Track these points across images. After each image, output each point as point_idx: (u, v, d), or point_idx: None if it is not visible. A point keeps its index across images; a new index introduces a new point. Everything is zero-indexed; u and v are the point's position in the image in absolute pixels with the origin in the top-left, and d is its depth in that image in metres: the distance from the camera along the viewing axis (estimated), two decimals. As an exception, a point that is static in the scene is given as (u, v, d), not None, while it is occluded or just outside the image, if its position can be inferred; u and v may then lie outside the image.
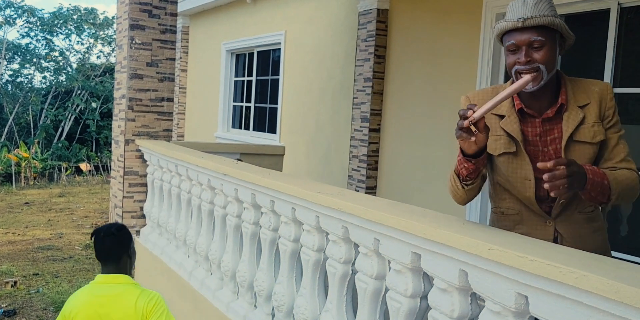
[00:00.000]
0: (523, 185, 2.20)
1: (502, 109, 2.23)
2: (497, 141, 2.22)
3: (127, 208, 4.79)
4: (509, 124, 2.21)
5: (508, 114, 2.22)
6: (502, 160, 2.22)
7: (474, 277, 1.69)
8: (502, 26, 2.10)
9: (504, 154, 2.22)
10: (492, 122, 2.23)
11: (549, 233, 2.20)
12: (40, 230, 13.44)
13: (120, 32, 4.99)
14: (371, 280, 2.15)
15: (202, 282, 3.59)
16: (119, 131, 4.88)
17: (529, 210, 2.23)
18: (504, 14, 4.92)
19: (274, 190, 2.71)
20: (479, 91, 2.34)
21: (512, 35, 2.08)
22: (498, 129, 2.22)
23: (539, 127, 2.21)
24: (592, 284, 1.31)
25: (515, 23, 2.05)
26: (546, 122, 2.21)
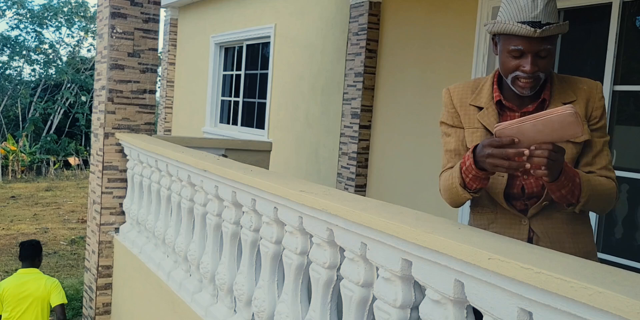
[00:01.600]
0: (495, 181, 2.08)
1: (481, 101, 2.13)
2: (473, 134, 2.13)
3: (106, 204, 4.59)
4: (485, 116, 2.10)
5: (486, 106, 2.11)
6: None
7: (471, 288, 1.51)
8: (509, 29, 1.91)
9: None
10: (471, 113, 2.15)
11: (524, 233, 2.09)
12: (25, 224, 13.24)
13: (100, 21, 4.79)
14: (357, 288, 1.98)
15: (181, 283, 3.41)
16: (98, 124, 4.69)
17: (504, 209, 2.12)
18: (500, 7, 4.75)
19: (255, 188, 2.53)
20: (460, 84, 2.23)
21: (519, 41, 1.92)
22: (475, 121, 2.13)
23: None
24: (609, 302, 1.14)
25: (528, 31, 1.87)
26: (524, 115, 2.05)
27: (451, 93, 2.22)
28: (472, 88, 2.19)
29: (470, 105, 2.15)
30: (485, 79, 2.19)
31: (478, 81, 2.21)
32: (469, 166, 1.91)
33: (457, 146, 2.19)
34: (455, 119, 2.19)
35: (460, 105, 2.18)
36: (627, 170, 4.09)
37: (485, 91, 2.14)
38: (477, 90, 2.16)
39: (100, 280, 4.62)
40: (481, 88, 2.16)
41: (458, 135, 2.19)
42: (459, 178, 1.97)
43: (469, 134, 2.14)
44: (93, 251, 4.71)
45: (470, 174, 1.92)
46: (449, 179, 2.05)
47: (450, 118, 2.20)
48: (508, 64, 1.98)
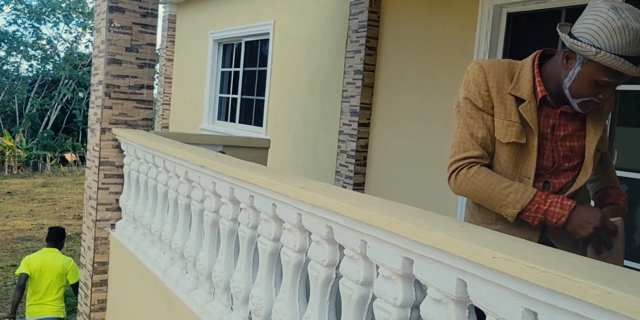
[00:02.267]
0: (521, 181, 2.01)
1: (522, 92, 1.99)
2: (509, 127, 1.98)
3: (102, 200, 4.55)
4: (528, 110, 1.98)
5: (529, 100, 1.98)
6: (508, 149, 2.01)
7: (474, 288, 1.48)
8: (617, 66, 1.79)
9: (512, 144, 2.00)
10: (508, 102, 2.00)
11: (535, 234, 2.01)
12: (21, 220, 13.19)
13: (98, 15, 4.74)
14: (357, 287, 1.94)
15: (177, 281, 3.37)
16: (95, 119, 4.64)
17: None
18: (502, 5, 4.72)
19: (253, 184, 2.49)
20: (494, 63, 2.06)
21: (614, 74, 1.83)
22: (513, 113, 1.99)
23: (553, 119, 2.00)
24: (618, 303, 1.10)
25: (636, 71, 1.79)
26: (562, 115, 2.00)
27: (486, 72, 2.02)
28: (509, 73, 2.03)
29: (510, 94, 2.00)
30: (520, 65, 2.05)
31: (512, 65, 2.05)
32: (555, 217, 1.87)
33: (485, 134, 2.02)
34: (486, 103, 2.01)
35: (497, 90, 2.01)
36: (628, 171, 4.07)
37: (525, 81, 2.00)
38: (516, 78, 2.01)
39: (96, 276, 4.57)
40: (519, 76, 2.01)
41: (485, 121, 2.02)
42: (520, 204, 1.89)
43: (502, 126, 1.99)
44: (89, 247, 4.67)
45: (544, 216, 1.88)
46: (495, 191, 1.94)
47: (481, 100, 2.02)
48: (587, 90, 1.88)
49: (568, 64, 1.92)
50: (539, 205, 1.88)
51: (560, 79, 1.95)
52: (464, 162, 2.02)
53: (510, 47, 4.84)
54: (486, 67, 2.03)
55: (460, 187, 2.03)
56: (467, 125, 2.04)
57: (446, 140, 5.18)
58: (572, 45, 1.87)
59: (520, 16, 4.81)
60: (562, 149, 2.02)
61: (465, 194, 2.05)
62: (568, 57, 1.93)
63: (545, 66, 2.04)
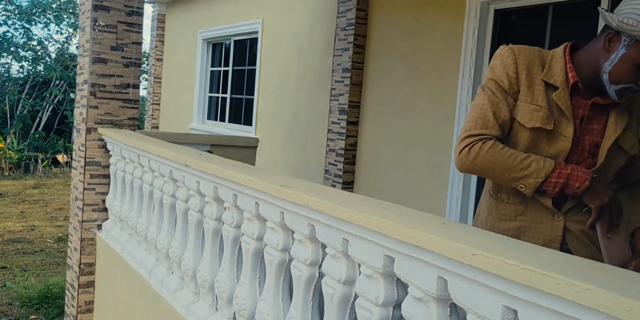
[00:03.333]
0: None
1: (554, 79, 1.94)
2: (535, 112, 1.93)
3: (88, 201, 4.50)
4: (562, 98, 1.92)
5: (562, 87, 1.93)
6: (531, 135, 1.95)
7: (455, 286, 1.45)
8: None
9: (536, 129, 1.94)
10: (536, 87, 1.94)
11: (557, 229, 1.96)
12: (12, 222, 13.09)
13: (83, 13, 4.69)
14: (339, 286, 1.91)
15: (162, 281, 3.34)
16: (81, 119, 4.60)
17: (535, 200, 1.97)
18: (489, 2, 4.70)
19: (236, 183, 2.46)
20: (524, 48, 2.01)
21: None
22: (541, 98, 1.93)
23: (583, 110, 1.95)
24: (598, 299, 1.08)
25: None
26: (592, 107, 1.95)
27: (517, 55, 1.98)
28: (539, 59, 1.98)
29: (542, 80, 1.96)
30: (551, 53, 2.01)
31: (542, 52, 2.01)
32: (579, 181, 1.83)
33: (506, 117, 1.96)
34: (512, 85, 1.97)
35: (527, 73, 1.96)
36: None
37: (558, 68, 1.96)
38: (547, 65, 1.97)
39: (83, 278, 4.53)
40: (551, 64, 1.97)
41: (509, 104, 1.97)
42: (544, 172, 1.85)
43: (527, 110, 1.94)
44: (75, 248, 4.62)
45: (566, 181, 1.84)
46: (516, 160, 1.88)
47: (508, 82, 1.97)
48: (628, 75, 1.84)
49: (611, 46, 1.87)
50: (561, 170, 1.85)
51: (598, 64, 1.90)
52: (479, 138, 1.95)
53: (498, 44, 4.82)
54: (516, 50, 1.99)
55: (475, 160, 1.93)
56: (492, 103, 1.97)
57: (435, 138, 5.16)
58: (621, 24, 1.81)
59: (508, 13, 4.79)
60: (588, 144, 1.97)
61: (479, 168, 1.95)
62: (611, 40, 1.88)
63: (578, 54, 1.99)
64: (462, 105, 4.84)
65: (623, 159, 1.99)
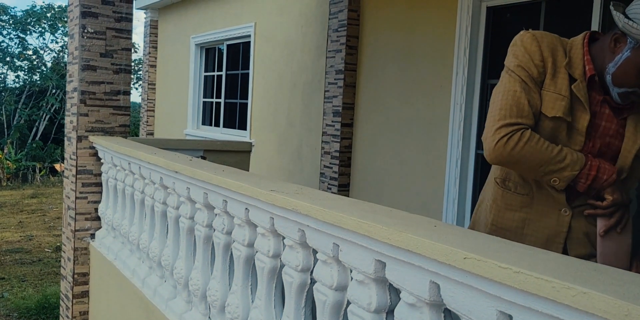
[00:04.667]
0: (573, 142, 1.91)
1: (573, 70, 1.87)
2: (557, 101, 1.85)
3: (81, 209, 4.44)
4: (581, 90, 1.85)
5: (580, 79, 1.86)
6: (550, 125, 1.88)
7: (447, 290, 1.40)
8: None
9: (557, 119, 1.86)
10: (560, 76, 1.87)
11: (563, 225, 1.91)
12: (9, 232, 13.01)
13: (71, 20, 4.64)
14: (331, 292, 1.86)
15: (155, 290, 3.28)
16: (71, 127, 4.54)
17: (542, 193, 1.92)
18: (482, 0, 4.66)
19: (226, 188, 2.41)
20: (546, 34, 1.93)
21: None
22: (564, 88, 1.85)
23: (596, 106, 1.88)
24: (595, 303, 1.03)
25: None
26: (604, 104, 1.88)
27: (540, 41, 1.90)
28: (563, 47, 1.91)
29: (565, 69, 1.88)
30: (571, 43, 1.93)
31: (562, 41, 1.94)
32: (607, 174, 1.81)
33: (538, 105, 1.89)
34: (540, 74, 1.89)
35: (552, 61, 1.89)
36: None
37: (577, 59, 1.89)
38: (569, 55, 1.90)
39: (77, 288, 4.47)
40: (571, 54, 1.90)
41: (537, 93, 1.89)
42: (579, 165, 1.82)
43: (550, 99, 1.86)
44: (69, 258, 4.56)
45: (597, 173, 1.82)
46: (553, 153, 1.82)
47: (536, 70, 1.88)
48: (632, 78, 1.77)
49: (616, 47, 1.81)
50: (592, 163, 1.82)
51: (604, 63, 1.84)
52: (517, 127, 1.86)
53: (491, 42, 4.77)
54: (539, 36, 1.92)
55: (513, 151, 1.84)
56: (524, 90, 1.88)
57: (429, 139, 5.11)
58: (626, 26, 1.74)
59: (500, 10, 4.75)
60: (600, 142, 1.90)
61: (516, 160, 1.86)
62: (617, 40, 1.81)
63: (594, 47, 1.92)
64: (456, 104, 4.79)
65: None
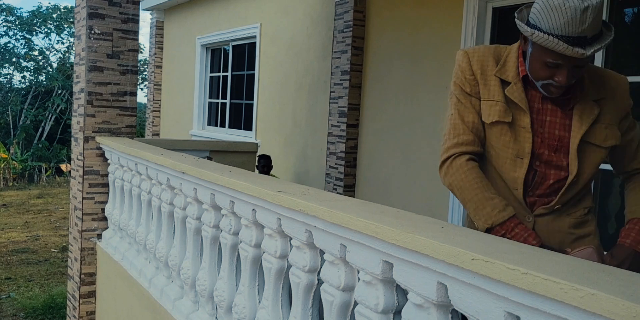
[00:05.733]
0: (513, 164, 1.95)
1: (507, 74, 1.95)
2: (492, 107, 1.95)
3: (87, 210, 4.46)
4: (515, 91, 1.93)
5: (514, 81, 1.94)
6: (495, 130, 1.96)
7: (455, 291, 1.40)
8: (553, 46, 1.73)
9: (497, 124, 1.95)
10: (492, 84, 1.96)
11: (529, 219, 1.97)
12: (16, 232, 13.05)
13: (78, 22, 4.66)
14: (338, 293, 1.87)
15: (162, 290, 3.29)
16: (78, 128, 4.56)
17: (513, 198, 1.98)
18: (487, 0, 4.66)
19: (233, 189, 2.42)
20: (479, 49, 2.04)
21: (559, 56, 1.75)
22: (497, 93, 1.95)
23: (538, 103, 1.94)
24: (603, 305, 1.03)
25: (577, 53, 1.70)
26: (547, 100, 1.93)
27: (470, 57, 2.02)
28: (495, 57, 2.00)
29: (495, 76, 1.98)
30: (508, 50, 2.02)
31: (499, 50, 2.03)
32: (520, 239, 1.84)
33: (475, 118, 2.00)
34: (473, 87, 2.00)
35: (481, 73, 1.99)
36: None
37: (511, 63, 1.97)
38: (502, 61, 1.98)
39: (83, 288, 4.49)
40: (506, 60, 1.98)
41: (474, 105, 2.00)
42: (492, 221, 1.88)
43: (486, 107, 1.97)
44: (75, 258, 4.58)
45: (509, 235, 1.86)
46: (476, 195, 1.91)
47: (468, 84, 2.01)
48: (541, 72, 1.84)
49: (525, 44, 1.91)
50: (505, 232, 1.86)
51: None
52: (456, 151, 1.99)
53: (496, 42, 4.77)
54: (470, 52, 2.03)
55: (449, 178, 2.00)
56: (458, 111, 2.02)
57: (436, 139, 5.11)
58: (518, 25, 1.86)
59: (506, 10, 4.74)
60: (549, 137, 1.95)
61: (451, 188, 2.01)
62: (525, 38, 1.91)
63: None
64: (462, 105, 4.79)
65: (598, 154, 1.96)
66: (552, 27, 1.73)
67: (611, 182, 4.09)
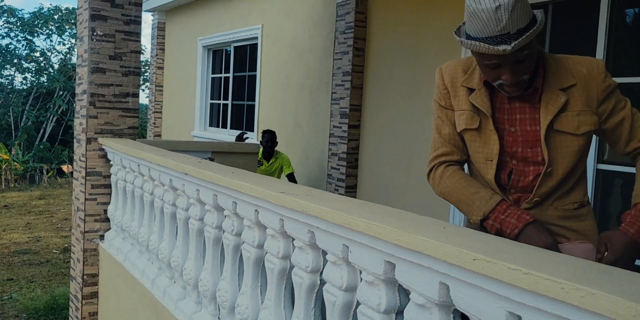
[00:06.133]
0: (485, 167, 2.00)
1: (473, 82, 2.01)
2: (460, 116, 2.02)
3: (90, 211, 4.48)
4: (478, 97, 1.98)
5: (478, 87, 1.99)
6: (467, 137, 2.04)
7: (457, 291, 1.41)
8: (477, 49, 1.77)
9: (466, 131, 2.02)
10: (460, 94, 2.03)
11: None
12: (17, 233, 13.07)
13: (81, 23, 4.68)
14: (341, 293, 1.88)
15: (165, 291, 3.30)
16: (81, 129, 4.58)
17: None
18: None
19: (235, 190, 2.43)
20: (452, 62, 2.12)
21: (491, 57, 1.79)
22: (464, 102, 2.01)
23: (505, 104, 1.97)
24: (603, 304, 1.04)
25: (499, 51, 1.73)
26: (515, 99, 1.96)
27: (443, 72, 2.11)
28: (464, 67, 2.06)
29: (462, 86, 2.04)
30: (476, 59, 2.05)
31: (470, 61, 2.07)
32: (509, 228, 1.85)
33: (450, 130, 2.08)
34: (447, 100, 2.08)
35: (452, 85, 2.07)
36: (620, 165, 4.01)
37: (477, 72, 2.01)
38: (470, 70, 2.04)
39: (86, 289, 4.50)
40: (474, 68, 2.03)
41: (450, 118, 2.08)
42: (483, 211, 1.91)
43: (457, 117, 2.04)
44: (78, 259, 4.59)
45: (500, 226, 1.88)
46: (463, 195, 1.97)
47: (443, 98, 2.10)
48: (488, 75, 1.88)
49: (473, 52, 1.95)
50: (498, 215, 1.89)
51: None
52: (436, 162, 2.10)
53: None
54: (443, 67, 2.13)
55: (437, 188, 2.08)
56: (436, 126, 2.13)
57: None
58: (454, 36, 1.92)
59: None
60: (522, 134, 1.97)
61: (443, 195, 2.07)
62: None
63: None
64: (463, 106, 4.80)
65: (574, 142, 1.93)
66: (476, 31, 1.77)
67: (611, 182, 4.10)
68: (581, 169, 2.01)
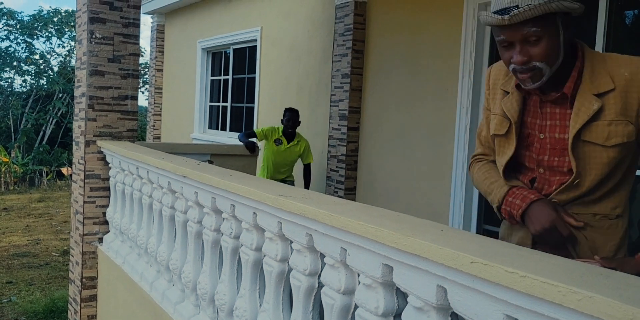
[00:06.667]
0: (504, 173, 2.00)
1: (509, 85, 1.95)
2: (492, 120, 2.00)
3: (89, 214, 4.47)
4: (508, 101, 1.93)
5: (512, 91, 1.93)
6: (496, 142, 2.02)
7: (454, 294, 1.41)
8: (486, 21, 1.75)
9: (496, 137, 2.00)
10: (497, 97, 2.00)
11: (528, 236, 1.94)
12: (17, 236, 13.05)
13: (79, 26, 4.68)
14: (339, 296, 1.87)
15: (164, 294, 3.30)
16: (79, 132, 4.57)
17: None
18: (487, 3, 4.68)
19: (234, 193, 2.43)
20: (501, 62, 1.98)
21: (499, 31, 1.74)
22: (498, 106, 1.97)
23: (538, 108, 1.90)
24: (600, 307, 1.04)
25: (499, 20, 1.69)
26: (547, 103, 1.87)
27: (490, 73, 2.08)
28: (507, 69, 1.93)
29: (500, 89, 2.00)
30: None
31: None
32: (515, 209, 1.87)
33: (486, 133, 2.08)
34: (488, 101, 2.08)
35: (493, 87, 2.05)
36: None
37: None
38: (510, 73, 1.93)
39: (85, 292, 4.50)
40: None
41: (488, 120, 2.07)
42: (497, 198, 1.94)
43: (491, 120, 2.02)
44: (77, 262, 4.59)
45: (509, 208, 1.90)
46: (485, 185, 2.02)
47: (486, 99, 2.10)
48: (503, 57, 1.83)
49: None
50: (508, 198, 1.91)
51: None
52: (472, 160, 2.17)
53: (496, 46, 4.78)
54: (492, 67, 2.09)
55: (472, 181, 2.14)
56: (479, 126, 2.17)
57: (436, 142, 5.12)
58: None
59: (506, 14, 4.75)
60: (551, 142, 1.88)
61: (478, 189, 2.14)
62: None
63: None
64: (462, 108, 4.80)
65: (603, 153, 1.78)
66: (493, 6, 1.76)
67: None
68: (614, 182, 1.86)
